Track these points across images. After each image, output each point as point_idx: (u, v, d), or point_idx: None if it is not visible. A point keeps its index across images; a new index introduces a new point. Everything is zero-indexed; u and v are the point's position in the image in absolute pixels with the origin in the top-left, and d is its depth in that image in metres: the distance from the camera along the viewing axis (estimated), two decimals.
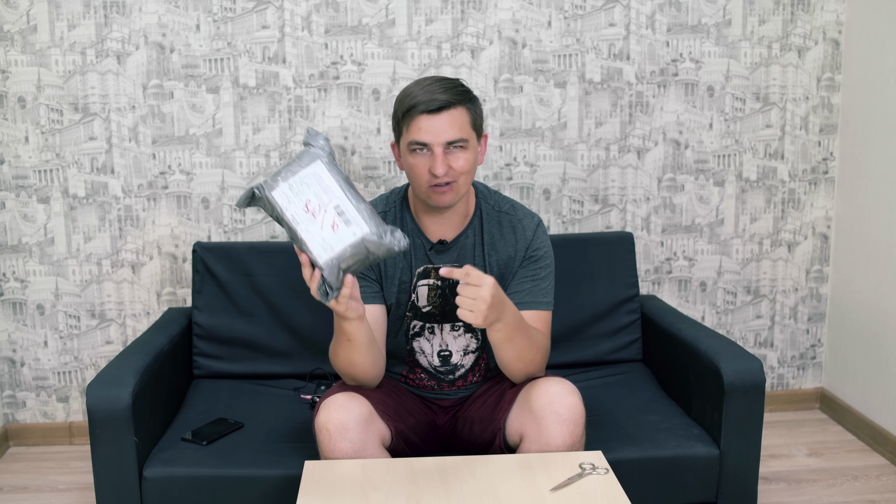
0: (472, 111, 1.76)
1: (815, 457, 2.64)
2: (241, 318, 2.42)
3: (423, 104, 1.69)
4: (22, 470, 2.62)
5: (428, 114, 1.69)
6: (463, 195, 1.78)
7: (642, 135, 2.77)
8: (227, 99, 2.64)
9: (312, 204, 1.49)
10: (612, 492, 1.47)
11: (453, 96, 1.71)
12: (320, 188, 1.50)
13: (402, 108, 1.73)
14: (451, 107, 1.70)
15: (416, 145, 1.72)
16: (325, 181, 1.50)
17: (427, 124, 1.70)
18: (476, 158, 1.78)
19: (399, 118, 1.75)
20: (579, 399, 1.69)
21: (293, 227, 1.49)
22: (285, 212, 1.49)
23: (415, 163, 1.73)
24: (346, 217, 1.49)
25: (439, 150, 1.70)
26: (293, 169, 1.51)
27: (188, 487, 1.88)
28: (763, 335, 2.96)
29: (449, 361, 1.91)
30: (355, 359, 1.71)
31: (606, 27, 2.70)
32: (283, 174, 1.51)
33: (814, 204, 2.89)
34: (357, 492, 1.47)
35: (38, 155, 2.63)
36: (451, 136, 1.70)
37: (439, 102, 1.69)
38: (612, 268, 2.51)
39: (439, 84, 1.73)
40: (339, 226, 1.49)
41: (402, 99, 1.74)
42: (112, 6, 2.57)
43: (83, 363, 2.76)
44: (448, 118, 1.70)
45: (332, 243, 1.48)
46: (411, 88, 1.74)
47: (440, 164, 1.69)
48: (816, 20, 2.78)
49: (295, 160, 1.52)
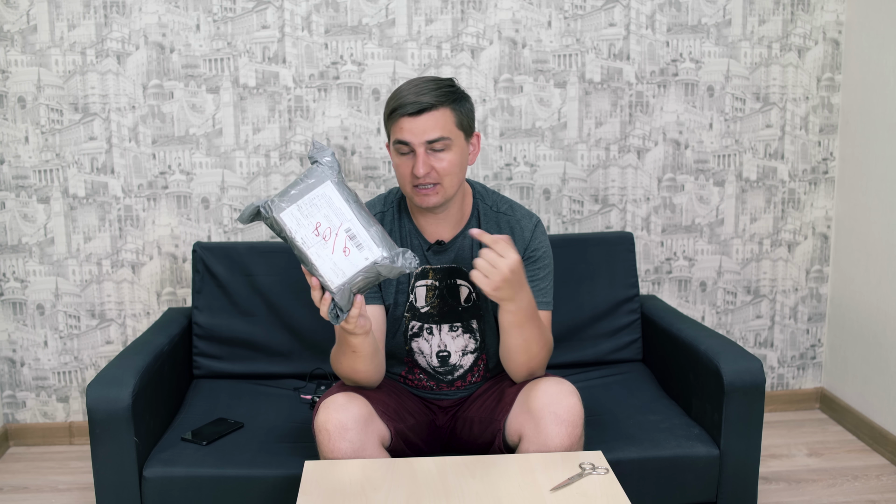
0: (459, 111, 1.75)
1: (815, 457, 2.64)
2: (241, 318, 2.42)
3: (405, 106, 1.70)
4: (22, 470, 2.62)
5: (410, 116, 1.70)
6: (451, 197, 1.78)
7: (642, 135, 2.77)
8: (227, 99, 2.64)
9: (323, 227, 1.48)
10: (612, 492, 1.47)
11: (436, 97, 1.71)
12: (330, 210, 1.48)
13: (388, 109, 1.75)
14: (432, 108, 1.71)
15: (400, 145, 1.73)
16: (336, 203, 1.49)
17: (409, 125, 1.71)
18: (462, 159, 1.77)
19: (386, 117, 1.77)
20: (578, 400, 1.69)
21: (303, 251, 1.48)
22: (295, 235, 1.47)
23: (399, 163, 1.75)
24: (357, 241, 1.48)
25: (421, 150, 1.71)
26: (302, 190, 1.49)
27: (188, 487, 1.88)
28: (763, 335, 2.96)
29: (448, 362, 1.91)
30: (359, 367, 1.72)
31: (606, 27, 2.70)
32: (291, 195, 1.49)
33: (814, 204, 2.89)
34: (357, 492, 1.47)
35: (38, 155, 2.63)
36: (431, 135, 1.71)
37: (420, 105, 1.70)
38: (612, 268, 2.51)
39: (426, 85, 1.73)
40: (350, 250, 1.48)
41: (391, 99, 1.76)
42: (112, 6, 2.57)
43: (83, 363, 2.76)
44: (430, 119, 1.71)
45: (343, 268, 1.47)
46: (401, 88, 1.75)
47: (421, 164, 1.70)
48: (816, 20, 2.78)
49: (302, 179, 1.50)
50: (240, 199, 2.68)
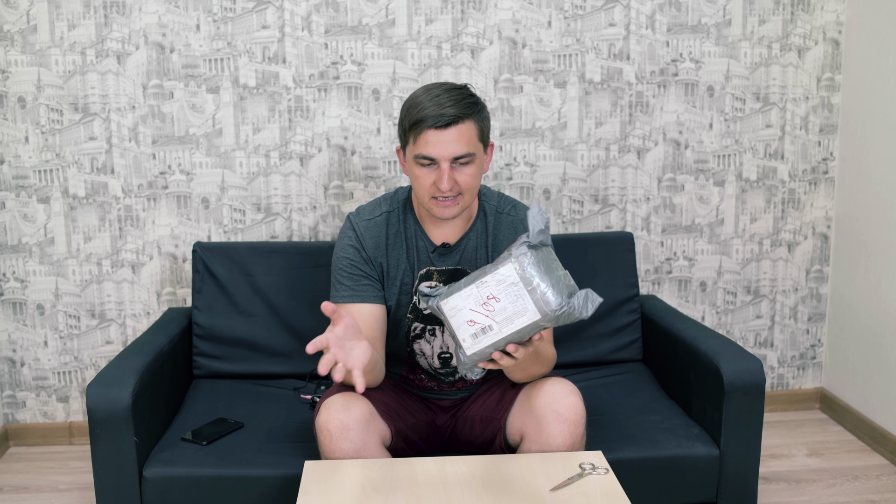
0: (480, 123, 1.72)
1: (815, 457, 2.64)
2: (241, 318, 2.42)
3: (432, 119, 1.66)
4: (22, 470, 2.62)
5: (436, 129, 1.66)
6: (467, 207, 1.77)
7: (642, 135, 2.77)
8: (227, 99, 2.64)
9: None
10: (612, 492, 1.47)
11: (462, 110, 1.67)
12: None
13: (410, 119, 1.69)
14: (459, 121, 1.67)
15: (423, 159, 1.69)
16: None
17: (434, 139, 1.67)
18: (481, 171, 1.76)
19: (406, 128, 1.72)
20: (580, 399, 1.69)
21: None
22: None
23: (420, 174, 1.71)
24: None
25: (445, 165, 1.68)
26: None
27: (188, 487, 1.88)
28: (763, 335, 2.96)
29: (449, 363, 1.91)
30: (377, 374, 1.75)
31: (606, 27, 2.70)
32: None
33: (814, 204, 2.89)
34: (357, 492, 1.47)
35: (38, 155, 2.63)
36: (458, 151, 1.67)
37: (448, 118, 1.65)
38: (612, 268, 2.50)
39: (448, 95, 1.68)
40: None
41: (411, 108, 1.70)
42: (112, 6, 2.57)
43: (83, 363, 2.76)
44: (456, 133, 1.67)
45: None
46: (420, 98, 1.70)
47: (446, 179, 1.67)
48: (816, 20, 2.78)
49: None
50: (240, 199, 2.68)
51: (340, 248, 1.84)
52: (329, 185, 2.70)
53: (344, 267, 1.82)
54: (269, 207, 2.70)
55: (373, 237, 1.84)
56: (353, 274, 1.81)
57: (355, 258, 1.82)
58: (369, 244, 1.83)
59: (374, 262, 1.83)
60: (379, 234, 1.84)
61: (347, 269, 1.82)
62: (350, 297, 1.80)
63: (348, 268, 1.82)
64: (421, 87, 1.75)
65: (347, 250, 1.83)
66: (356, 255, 1.82)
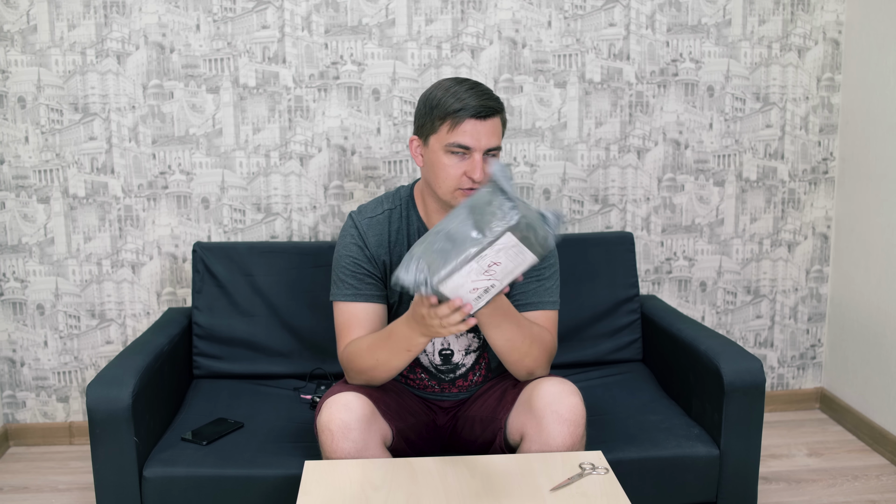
0: (504, 120, 1.78)
1: (815, 457, 2.64)
2: (241, 318, 2.42)
3: (474, 108, 1.68)
4: (22, 470, 2.62)
5: (477, 118, 1.69)
6: None
7: (642, 135, 2.77)
8: (227, 99, 2.64)
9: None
10: (612, 492, 1.47)
11: (497, 103, 1.73)
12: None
13: (446, 108, 1.70)
14: (496, 114, 1.72)
15: (458, 148, 1.70)
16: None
17: (474, 128, 1.69)
18: None
19: (441, 116, 1.71)
20: (580, 399, 1.69)
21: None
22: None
23: (450, 164, 1.72)
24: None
25: (478, 155, 1.70)
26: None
27: (188, 487, 1.88)
28: (763, 335, 2.96)
29: (450, 360, 1.91)
30: (397, 365, 1.73)
31: (606, 27, 2.70)
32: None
33: (814, 204, 2.89)
34: (357, 492, 1.47)
35: (38, 155, 2.63)
36: (493, 142, 1.71)
37: (489, 109, 1.70)
38: (612, 268, 2.51)
39: (482, 88, 1.73)
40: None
41: (446, 98, 1.71)
42: (112, 6, 2.57)
43: (83, 363, 2.76)
44: (493, 125, 1.71)
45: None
46: (454, 88, 1.72)
47: (479, 169, 1.69)
48: (816, 20, 2.78)
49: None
50: (240, 200, 2.68)
51: (343, 246, 1.84)
52: (329, 185, 2.70)
53: (347, 265, 1.82)
54: (269, 207, 2.70)
55: (376, 235, 1.84)
56: (356, 273, 1.81)
57: (358, 256, 1.82)
58: (372, 242, 1.83)
59: (377, 259, 1.83)
60: (381, 231, 1.84)
61: (350, 267, 1.82)
62: (353, 297, 1.80)
63: (351, 266, 1.82)
64: (446, 79, 1.77)
65: (350, 248, 1.83)
66: (359, 254, 1.82)
